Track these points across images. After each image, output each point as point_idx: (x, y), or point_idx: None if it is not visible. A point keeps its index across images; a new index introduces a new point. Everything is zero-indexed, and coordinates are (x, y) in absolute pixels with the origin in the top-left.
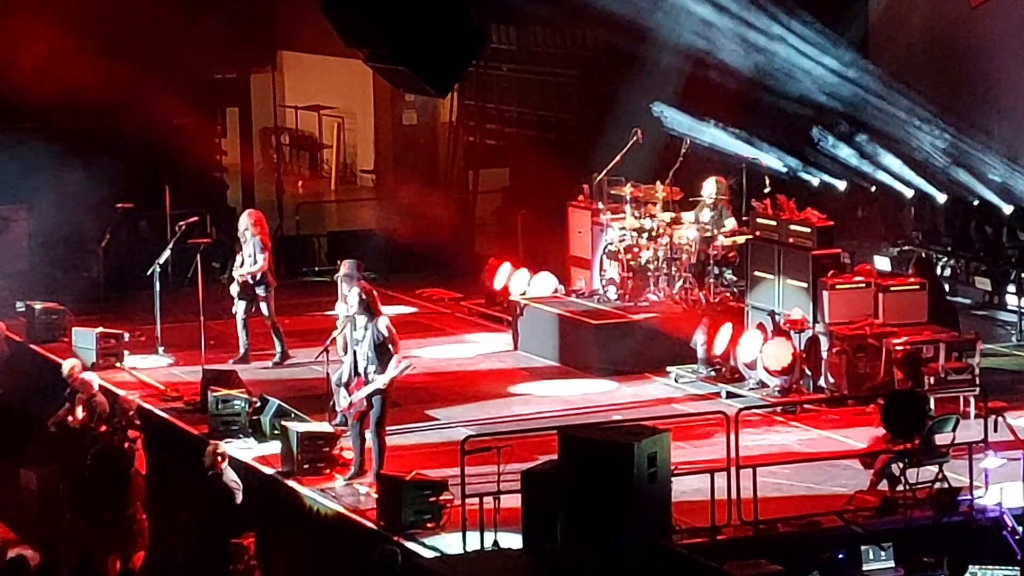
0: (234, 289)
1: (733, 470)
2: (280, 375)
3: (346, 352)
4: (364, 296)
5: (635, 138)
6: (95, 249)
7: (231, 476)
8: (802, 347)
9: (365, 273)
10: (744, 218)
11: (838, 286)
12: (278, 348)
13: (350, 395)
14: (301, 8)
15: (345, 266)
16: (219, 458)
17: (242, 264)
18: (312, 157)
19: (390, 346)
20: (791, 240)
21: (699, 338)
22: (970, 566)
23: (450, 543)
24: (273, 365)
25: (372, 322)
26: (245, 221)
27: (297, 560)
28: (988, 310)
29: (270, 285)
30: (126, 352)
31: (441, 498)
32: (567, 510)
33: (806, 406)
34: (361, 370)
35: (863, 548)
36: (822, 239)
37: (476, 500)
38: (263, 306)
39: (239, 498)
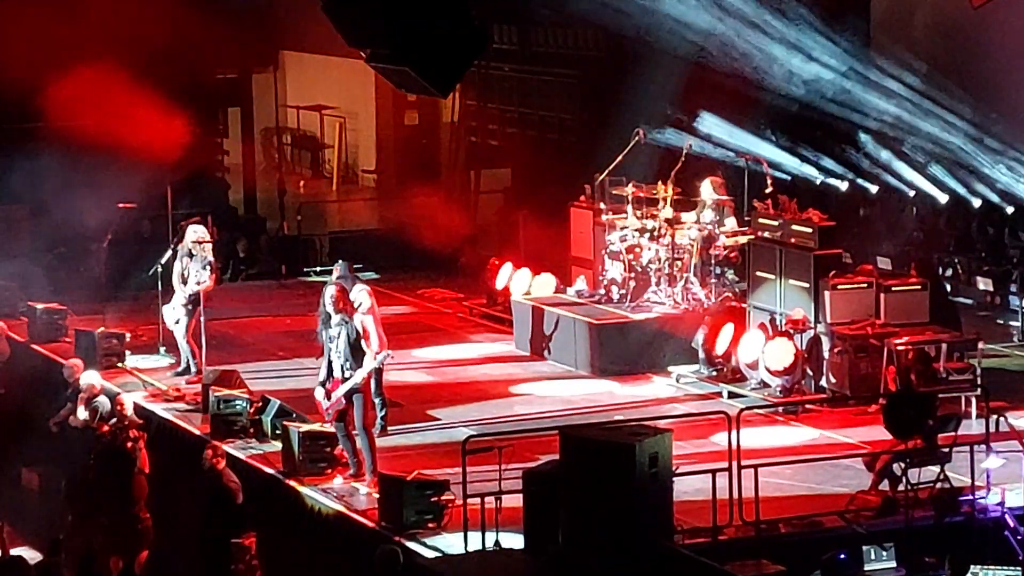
0: (179, 304)
1: (735, 470)
2: (282, 376)
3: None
4: (336, 296)
5: (637, 138)
6: (97, 249)
7: (230, 476)
8: (804, 347)
9: (366, 272)
10: (746, 218)
11: (840, 286)
12: (188, 360)
13: (328, 396)
14: (303, 8)
15: (338, 269)
16: (217, 459)
17: (182, 275)
18: (314, 157)
19: (363, 343)
20: (793, 240)
21: (701, 338)
22: (972, 566)
23: (451, 543)
24: (174, 375)
25: (346, 321)
26: (197, 235)
27: (298, 560)
28: (990, 310)
29: (200, 304)
30: (128, 352)
31: (442, 498)
32: (569, 510)
33: (808, 406)
34: (337, 369)
35: (865, 548)
36: (824, 239)
37: (477, 500)
38: (186, 319)
39: (239, 498)
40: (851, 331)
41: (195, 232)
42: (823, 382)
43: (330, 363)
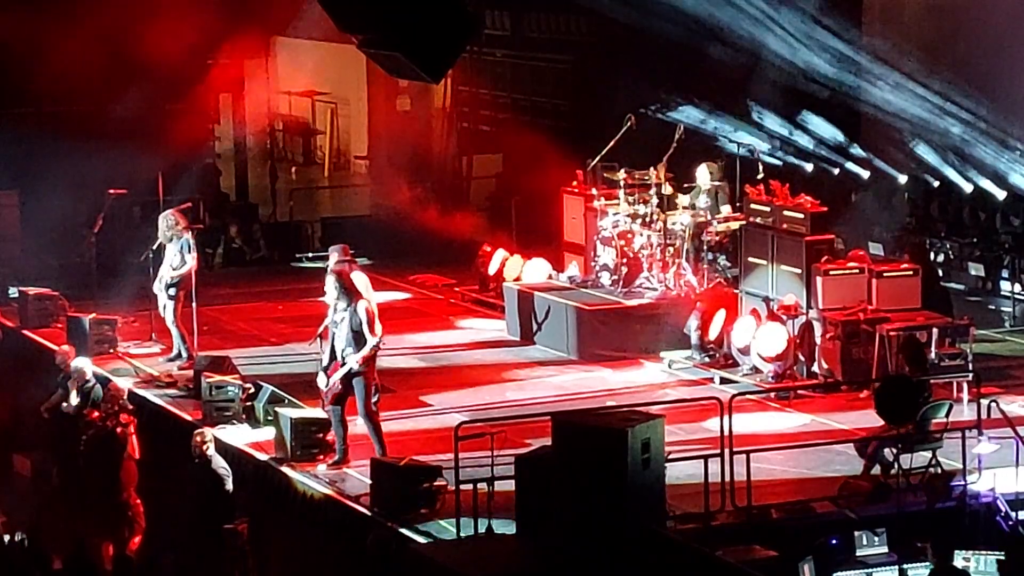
0: (165, 289)
1: (727, 456)
2: (274, 362)
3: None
4: (342, 280)
5: (629, 123)
6: (88, 235)
7: (219, 463)
8: (796, 333)
9: (359, 258)
10: (738, 204)
11: (832, 272)
12: (179, 346)
13: (328, 379)
14: None
15: (334, 254)
16: (205, 445)
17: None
18: (305, 143)
19: (366, 330)
20: (785, 226)
21: (693, 324)
22: (962, 551)
23: (444, 529)
24: (166, 361)
25: (351, 306)
26: (170, 221)
27: (290, 546)
28: (981, 295)
29: (184, 286)
30: (119, 338)
31: (435, 484)
32: (561, 496)
33: (800, 392)
34: (339, 353)
35: (856, 533)
36: (816, 225)
37: (470, 486)
38: (172, 305)
39: (228, 484)
40: (843, 317)
41: (172, 216)
42: (815, 368)
43: (332, 349)
